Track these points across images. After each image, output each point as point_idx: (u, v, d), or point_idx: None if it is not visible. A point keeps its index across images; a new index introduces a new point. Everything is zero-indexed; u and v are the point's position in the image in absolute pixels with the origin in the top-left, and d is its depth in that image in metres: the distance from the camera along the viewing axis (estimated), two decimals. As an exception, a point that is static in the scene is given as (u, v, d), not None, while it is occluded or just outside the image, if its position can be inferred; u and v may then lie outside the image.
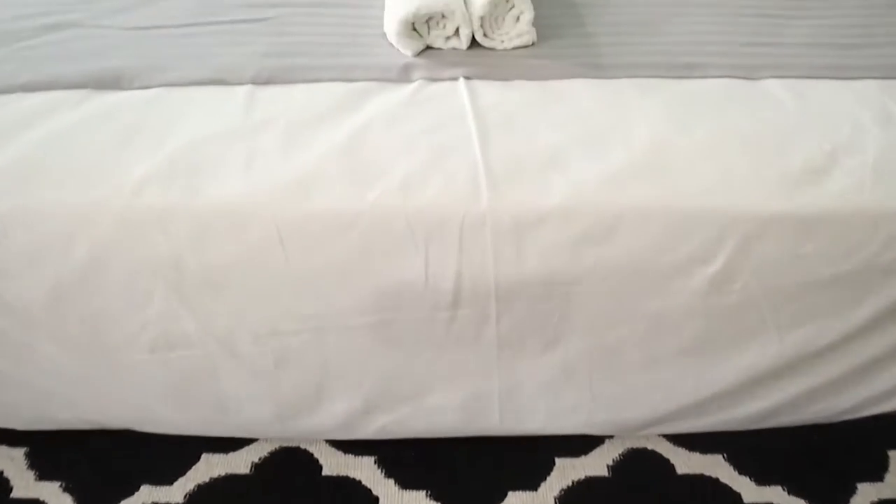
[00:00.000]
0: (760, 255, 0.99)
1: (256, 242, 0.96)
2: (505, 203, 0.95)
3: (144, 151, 0.99)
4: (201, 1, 1.32)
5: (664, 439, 1.24)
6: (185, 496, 1.15)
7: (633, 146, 1.01)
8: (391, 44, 1.18)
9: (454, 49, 1.18)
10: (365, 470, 1.19)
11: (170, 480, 1.17)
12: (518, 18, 1.17)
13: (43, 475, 1.18)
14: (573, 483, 1.18)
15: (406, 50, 1.16)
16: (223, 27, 1.24)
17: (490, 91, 1.09)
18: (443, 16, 1.15)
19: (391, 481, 1.18)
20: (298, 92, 1.09)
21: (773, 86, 1.15)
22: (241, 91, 1.09)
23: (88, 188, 0.96)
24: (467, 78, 1.12)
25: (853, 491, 1.18)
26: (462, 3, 1.17)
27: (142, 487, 1.17)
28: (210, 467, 1.19)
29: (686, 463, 1.21)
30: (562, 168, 0.98)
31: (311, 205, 0.95)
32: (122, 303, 1.01)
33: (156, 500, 1.15)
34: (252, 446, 1.22)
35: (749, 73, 1.17)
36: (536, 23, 1.19)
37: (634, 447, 1.23)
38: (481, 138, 1.00)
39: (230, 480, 1.18)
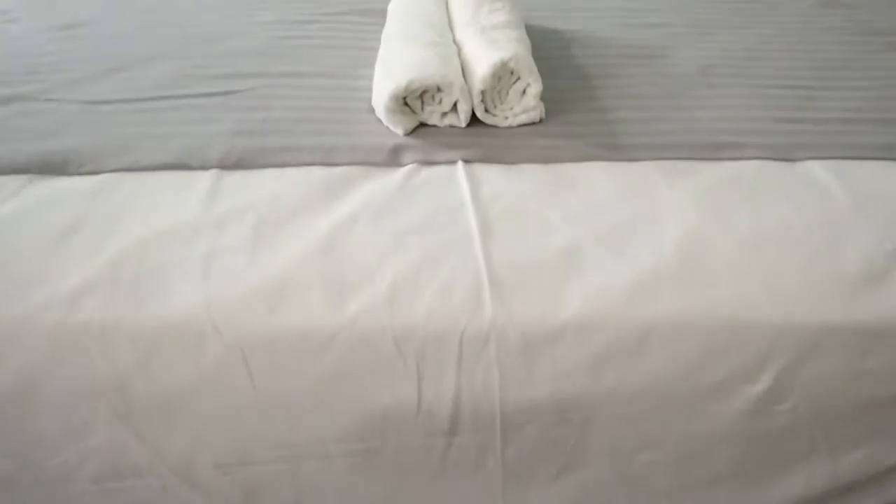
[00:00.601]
0: (813, 373, 0.84)
1: (216, 363, 0.80)
2: (512, 316, 0.80)
3: (85, 253, 0.83)
4: (174, 71, 1.19)
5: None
6: None
7: (661, 245, 0.86)
8: (380, 120, 1.04)
9: (452, 127, 1.04)
10: None
11: None
12: (524, 92, 1.03)
13: None
14: None
15: (396, 128, 1.02)
16: (192, 101, 1.10)
17: (493, 177, 0.94)
18: (439, 89, 1.01)
19: None
20: (270, 178, 0.94)
21: (814, 168, 1.00)
22: (205, 177, 0.94)
23: (17, 299, 0.80)
24: (466, 161, 0.97)
25: None
26: (461, 74, 1.03)
27: None
28: None
29: None
30: (578, 272, 0.83)
31: (280, 319, 0.79)
32: (58, 430, 0.84)
33: None
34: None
35: (786, 153, 1.03)
36: (545, 96, 1.05)
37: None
38: (483, 236, 0.85)
39: None
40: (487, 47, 1.03)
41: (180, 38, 1.30)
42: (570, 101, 1.11)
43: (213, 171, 0.95)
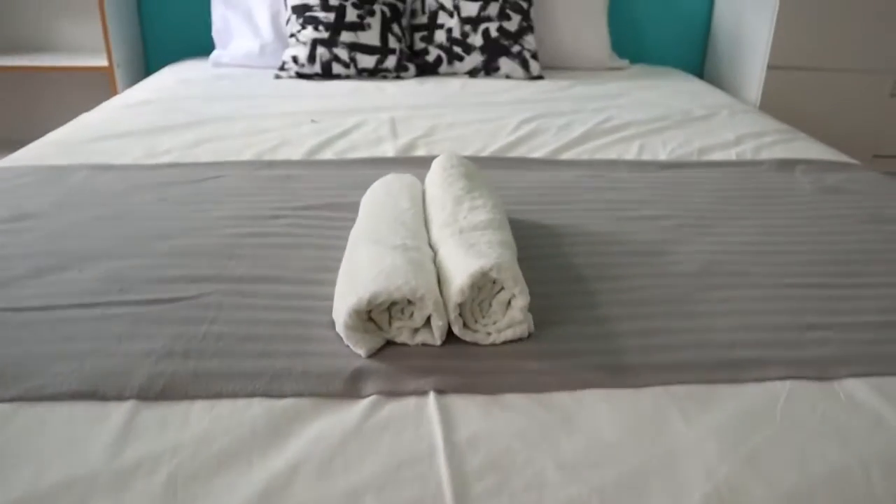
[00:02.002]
0: None
1: None
2: None
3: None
4: (114, 272, 1.05)
5: None
6: None
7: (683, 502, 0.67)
8: (341, 337, 0.88)
9: (424, 345, 0.88)
10: None
11: None
12: (509, 303, 0.88)
13: None
14: None
15: (358, 349, 0.85)
16: (125, 310, 0.95)
17: (471, 414, 0.77)
18: (409, 302, 0.86)
19: None
20: (198, 414, 0.76)
21: (856, 389, 0.84)
22: (119, 412, 0.77)
23: None
24: (439, 392, 0.80)
25: None
26: (435, 285, 0.88)
27: None
28: None
29: None
30: (582, 547, 0.64)
31: None
32: None
33: None
34: None
35: (819, 370, 0.87)
36: (534, 305, 0.90)
37: None
38: (458, 497, 0.67)
39: None
40: (466, 253, 0.89)
41: (131, 235, 1.18)
42: (563, 311, 0.96)
43: (130, 404, 0.78)
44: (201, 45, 2.70)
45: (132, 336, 0.89)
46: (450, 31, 2.32)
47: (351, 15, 2.23)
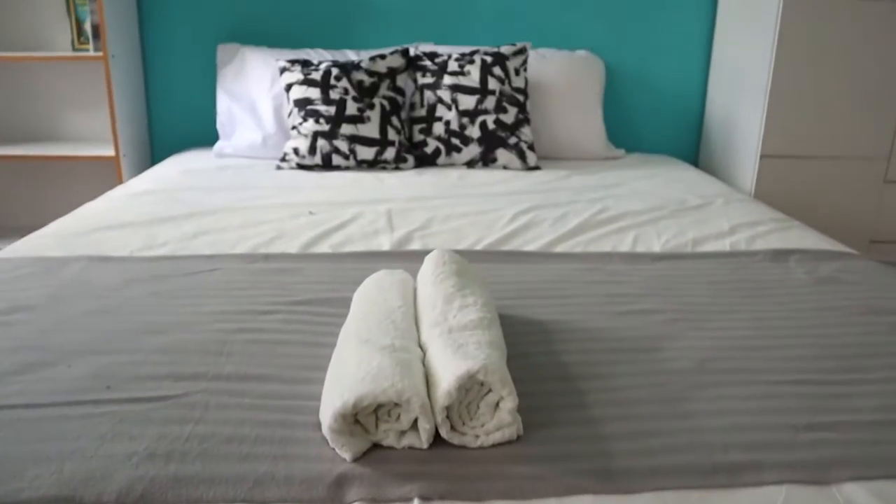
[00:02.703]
0: None
1: None
2: None
3: None
4: (102, 368, 1.05)
5: None
6: None
7: None
8: (326, 440, 0.87)
9: (411, 449, 0.86)
10: None
11: None
12: (497, 405, 0.87)
13: None
14: None
15: (344, 451, 0.84)
16: (110, 408, 0.94)
17: (457, 522, 0.75)
18: (396, 404, 0.85)
19: None
20: (178, 523, 0.75)
21: (856, 494, 0.82)
22: (96, 520, 0.75)
23: None
24: (424, 499, 0.78)
25: None
26: (423, 387, 0.87)
27: None
28: None
29: None
30: None
31: None
32: None
33: None
34: None
35: (817, 473, 0.86)
36: (523, 405, 0.89)
37: None
38: None
39: None
40: (454, 354, 0.89)
41: (122, 329, 1.18)
42: (553, 411, 0.95)
43: (108, 512, 0.76)
44: (206, 135, 2.77)
45: (115, 436, 0.88)
46: (448, 123, 2.37)
47: (351, 108, 2.29)
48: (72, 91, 2.80)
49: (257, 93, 2.53)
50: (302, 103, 2.33)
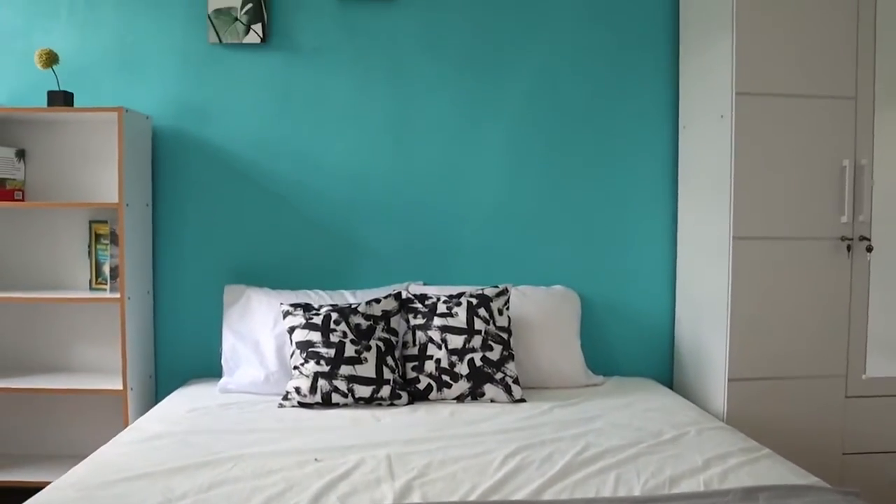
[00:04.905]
0: None
1: None
2: None
3: None
4: None
5: None
6: None
7: None
8: None
9: None
10: None
11: None
12: None
13: None
14: None
15: None
16: None
17: None
18: None
19: None
20: None
21: None
22: None
23: None
24: None
25: None
26: None
27: None
28: None
29: None
30: None
31: None
32: None
33: None
34: None
35: None
36: None
37: None
38: None
39: None
40: None
41: None
42: None
43: None
44: (209, 367, 2.94)
45: None
46: (438, 361, 2.58)
47: (350, 350, 2.50)
48: (84, 326, 2.99)
49: (261, 332, 2.75)
50: (304, 345, 2.54)
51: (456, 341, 2.59)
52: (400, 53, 3.04)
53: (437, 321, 2.64)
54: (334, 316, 2.57)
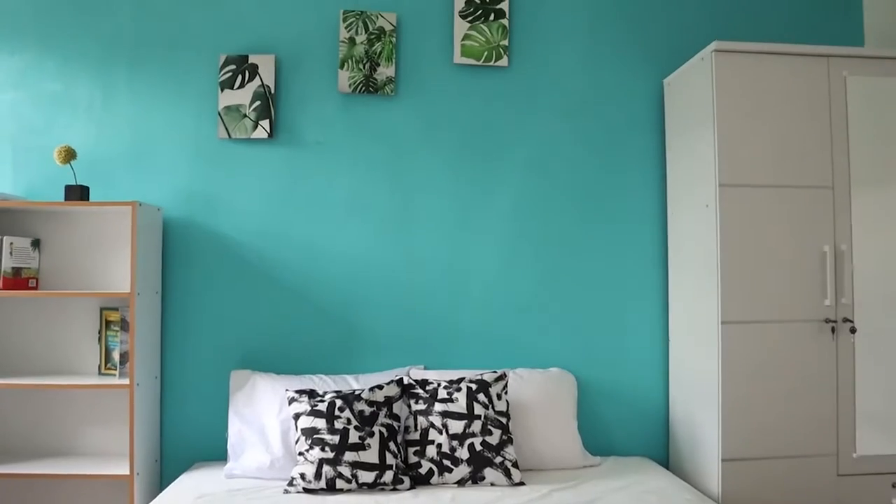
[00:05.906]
0: None
1: None
2: None
3: None
4: None
5: None
6: None
7: None
8: None
9: None
10: None
11: None
12: None
13: None
14: None
15: None
16: None
17: None
18: None
19: None
20: None
21: None
22: None
23: None
24: None
25: None
26: None
27: None
28: None
29: None
30: None
31: None
32: None
33: None
34: None
35: None
36: None
37: None
38: None
39: None
40: None
41: None
42: None
43: None
44: (213, 450, 3.00)
45: None
46: (440, 446, 2.66)
47: (353, 437, 2.58)
48: (92, 410, 3.05)
49: (266, 417, 2.82)
50: (309, 432, 2.61)
51: (456, 426, 2.67)
52: (400, 147, 3.20)
53: (437, 406, 2.72)
54: (338, 403, 2.65)
